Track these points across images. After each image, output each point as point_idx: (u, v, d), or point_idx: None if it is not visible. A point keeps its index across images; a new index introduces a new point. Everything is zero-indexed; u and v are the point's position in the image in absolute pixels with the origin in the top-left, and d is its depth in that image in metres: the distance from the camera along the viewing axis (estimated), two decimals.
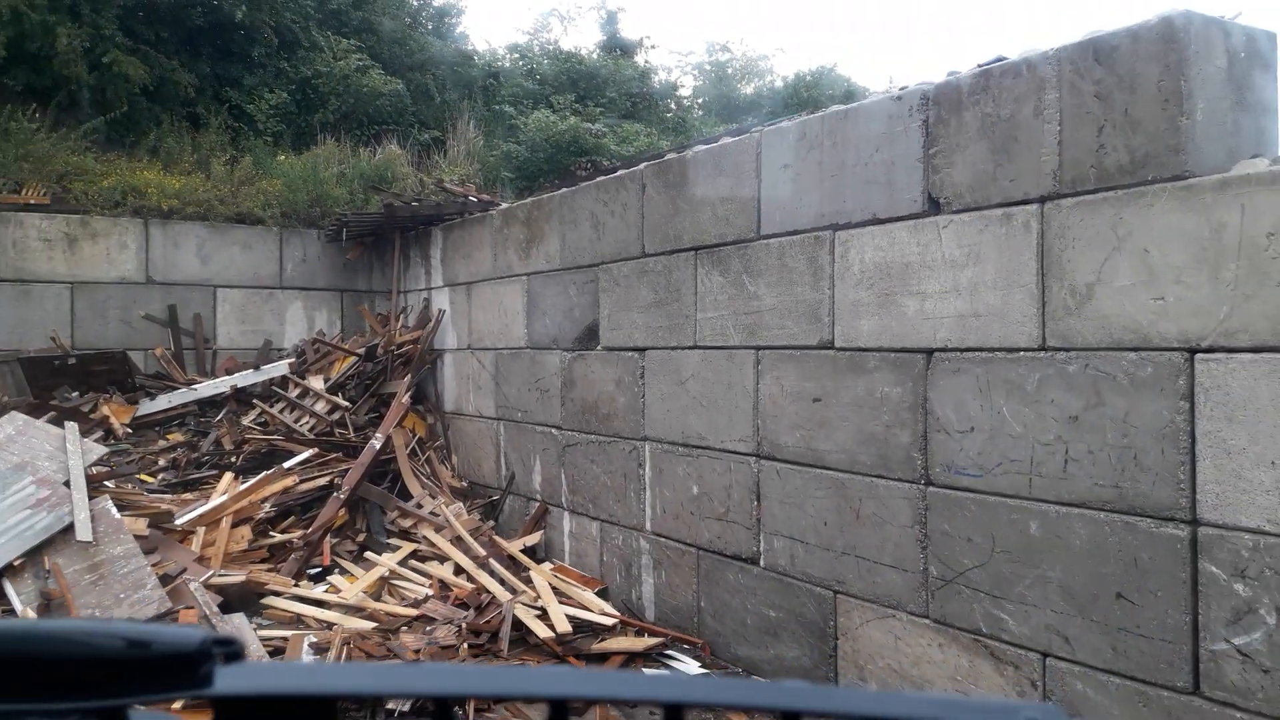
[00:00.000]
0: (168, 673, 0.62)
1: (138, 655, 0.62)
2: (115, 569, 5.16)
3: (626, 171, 5.89)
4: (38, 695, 0.60)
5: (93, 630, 0.63)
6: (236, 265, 8.60)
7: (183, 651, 0.62)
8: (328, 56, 10.26)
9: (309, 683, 0.65)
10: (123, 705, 0.62)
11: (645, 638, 5.32)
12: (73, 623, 0.75)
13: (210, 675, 0.62)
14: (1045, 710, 0.63)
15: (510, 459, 7.33)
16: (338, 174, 9.23)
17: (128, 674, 0.61)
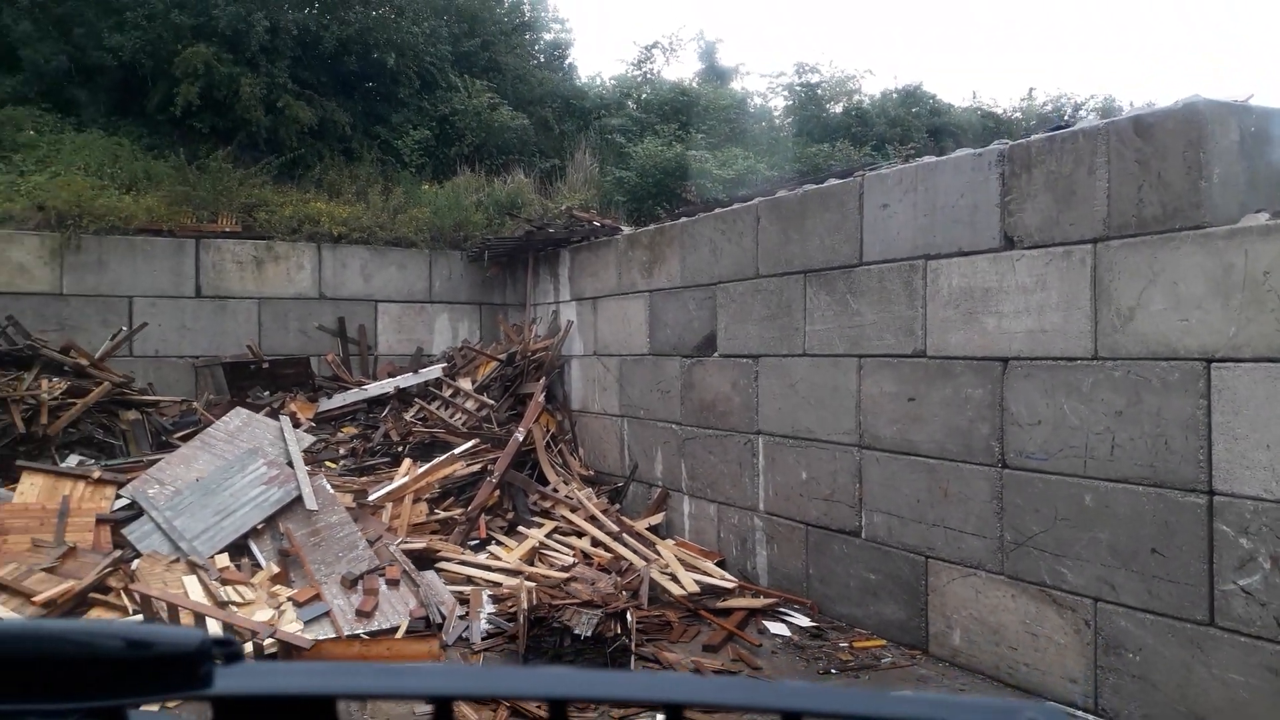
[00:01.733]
0: (167, 673, 0.61)
1: (137, 656, 0.61)
2: (333, 533, 6.40)
3: (743, 205, 6.92)
4: (38, 695, 0.59)
5: (93, 631, 0.63)
6: (393, 283, 9.90)
7: (182, 652, 0.62)
8: (463, 96, 11.53)
9: (307, 683, 0.64)
10: (122, 705, 0.61)
11: (760, 598, 6.34)
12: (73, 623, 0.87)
13: (209, 676, 0.62)
14: (1045, 710, 0.62)
15: (633, 451, 8.41)
16: (475, 202, 10.46)
17: (127, 674, 0.61)
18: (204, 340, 9.09)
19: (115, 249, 8.74)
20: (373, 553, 6.30)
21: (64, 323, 8.54)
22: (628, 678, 0.72)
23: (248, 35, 10.02)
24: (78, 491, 6.44)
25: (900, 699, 0.66)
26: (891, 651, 5.37)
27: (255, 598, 5.66)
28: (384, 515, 7.18)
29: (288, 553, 6.21)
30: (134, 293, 8.81)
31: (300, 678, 0.66)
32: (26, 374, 7.68)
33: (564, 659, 4.97)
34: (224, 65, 10.07)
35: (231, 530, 6.19)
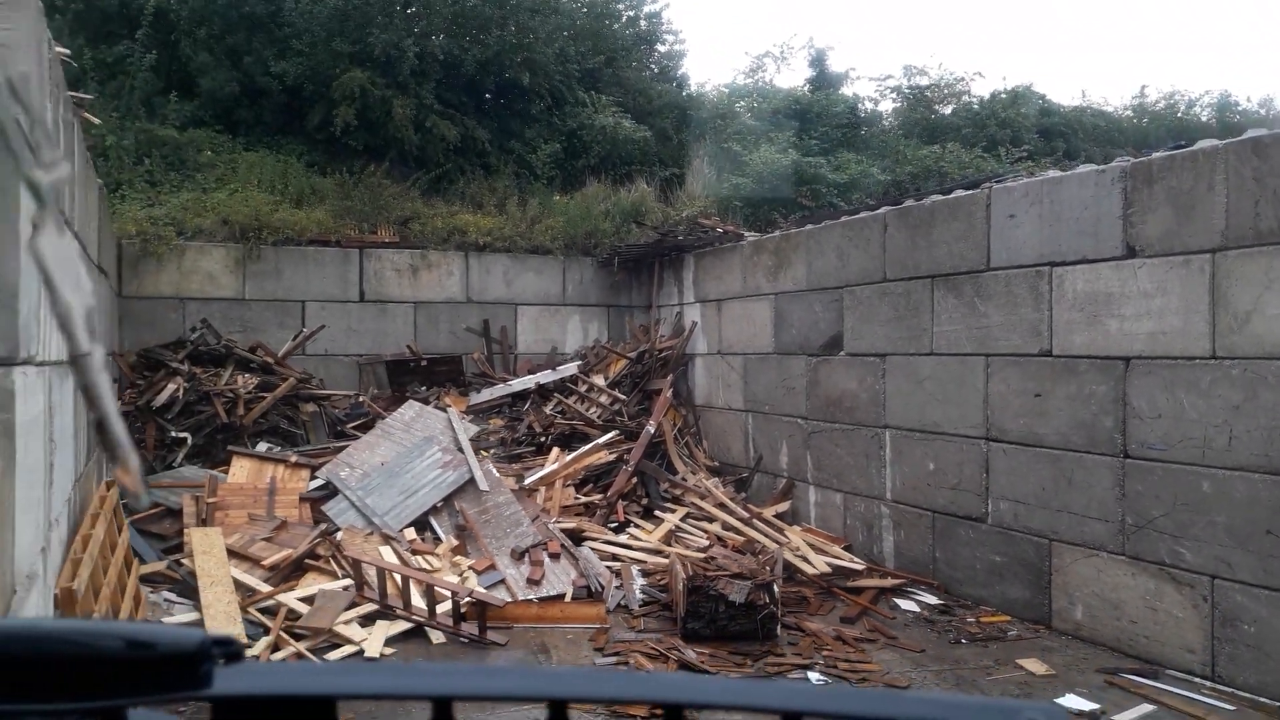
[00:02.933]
0: (167, 673, 0.62)
1: (137, 656, 0.62)
2: (500, 512, 7.18)
3: (870, 214, 7.44)
4: (37, 696, 0.60)
5: (93, 631, 0.63)
6: (531, 287, 10.71)
7: (182, 652, 0.62)
8: (590, 111, 12.30)
9: (307, 683, 0.65)
10: (122, 706, 0.62)
11: (888, 579, 6.87)
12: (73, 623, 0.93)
13: (209, 676, 0.62)
14: (1046, 710, 0.63)
15: (758, 443, 9.01)
16: (604, 211, 11.20)
17: (127, 674, 0.61)
18: (367, 340, 10.05)
19: (290, 258, 9.76)
20: (535, 530, 7.06)
21: (246, 324, 9.58)
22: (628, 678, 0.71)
23: (400, 61, 10.96)
24: (279, 473, 7.38)
25: (901, 698, 0.66)
26: (1016, 626, 5.84)
27: (440, 566, 6.47)
28: (538, 498, 7.94)
29: (463, 528, 7.01)
30: (306, 297, 9.81)
31: (300, 678, 0.66)
32: (223, 370, 8.71)
33: (718, 623, 5.61)
34: (377, 88, 11.03)
35: (415, 508, 7.03)
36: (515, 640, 5.72)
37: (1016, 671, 5.10)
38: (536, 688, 0.70)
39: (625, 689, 0.71)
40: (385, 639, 5.46)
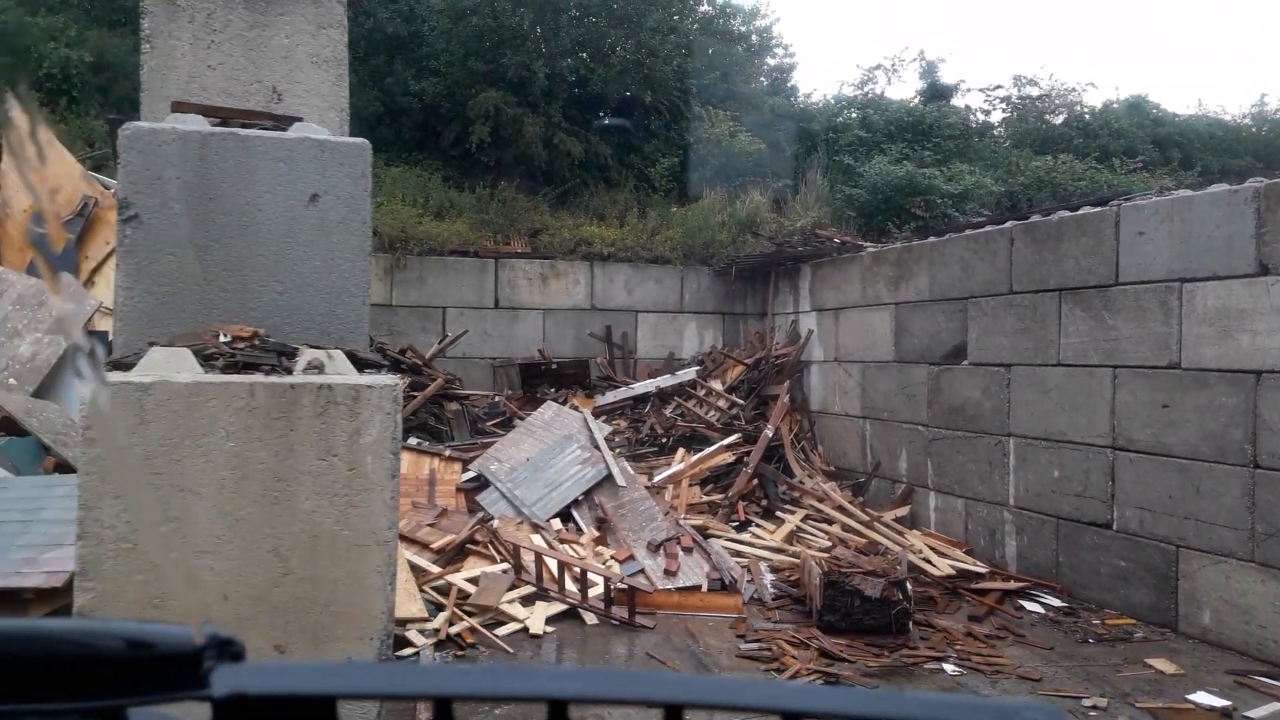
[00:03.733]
0: (167, 673, 0.62)
1: (137, 656, 0.62)
2: (635, 507, 7.67)
3: (995, 228, 7.69)
4: (36, 696, 0.60)
5: (92, 630, 0.63)
6: (651, 295, 11.21)
7: (182, 652, 0.62)
8: (707, 125, 12.76)
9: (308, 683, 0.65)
10: (121, 706, 0.62)
11: (1012, 582, 7.11)
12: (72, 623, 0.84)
13: (209, 676, 0.62)
14: (1046, 710, 0.63)
15: (876, 449, 9.30)
16: (720, 221, 11.64)
17: (127, 674, 0.61)
18: (500, 344, 10.69)
19: (432, 268, 10.46)
20: (667, 524, 7.52)
21: (393, 328, 10.31)
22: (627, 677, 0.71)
23: (531, 81, 11.60)
24: (436, 466, 8.02)
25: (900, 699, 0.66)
26: (1141, 629, 6.05)
27: (585, 554, 6.98)
28: (666, 495, 8.41)
29: (602, 520, 7.52)
30: (446, 304, 10.50)
31: (300, 677, 0.66)
32: None
33: (853, 617, 5.97)
34: (510, 107, 11.69)
35: (559, 500, 7.57)
36: (661, 625, 6.18)
37: (1145, 670, 5.32)
38: (536, 688, 0.70)
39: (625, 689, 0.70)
40: (545, 618, 5.99)
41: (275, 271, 2.29)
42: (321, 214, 2.30)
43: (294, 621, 1.81)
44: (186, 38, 2.73)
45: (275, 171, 2.26)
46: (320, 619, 1.82)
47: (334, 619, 1.83)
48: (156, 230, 2.20)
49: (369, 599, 1.87)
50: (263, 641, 1.79)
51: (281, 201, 2.26)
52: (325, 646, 1.81)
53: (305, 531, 1.83)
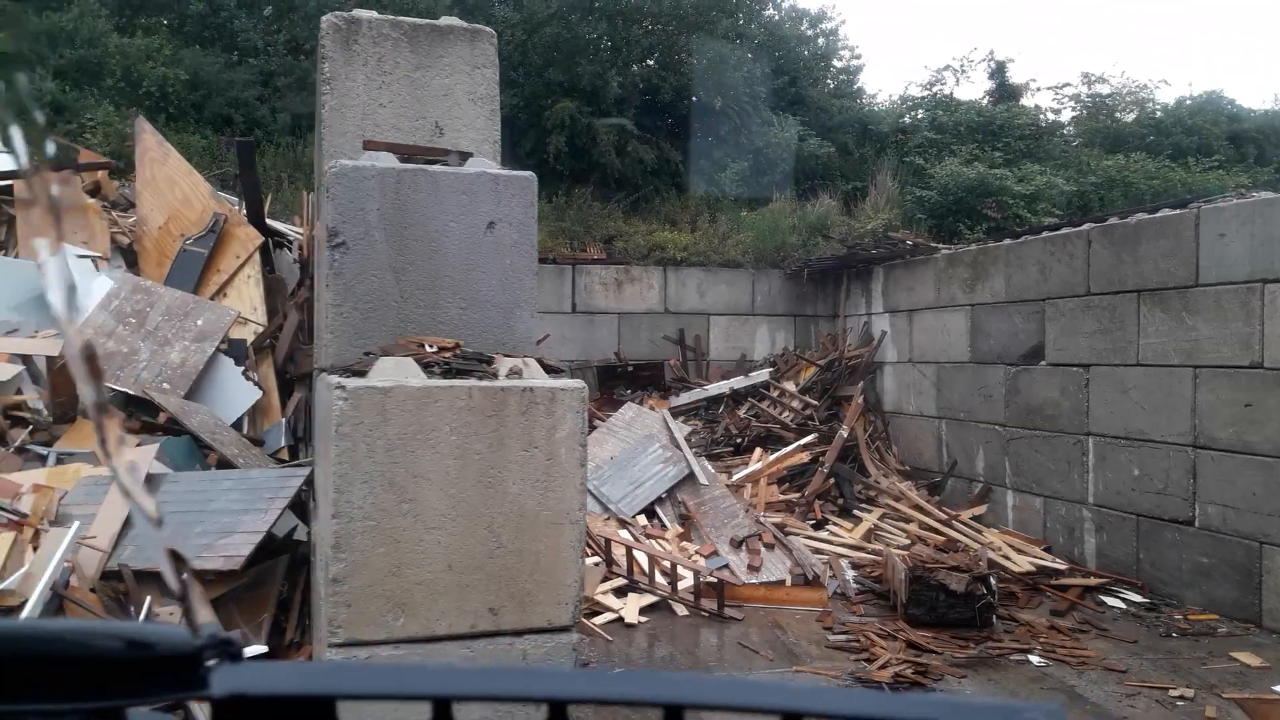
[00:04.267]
0: (166, 673, 0.62)
1: (136, 656, 0.62)
2: (716, 504, 7.93)
3: (1072, 230, 7.80)
4: (35, 696, 0.60)
5: (91, 630, 0.63)
6: (723, 298, 11.46)
7: (182, 652, 0.62)
8: (776, 130, 12.98)
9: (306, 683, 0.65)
10: (120, 706, 0.62)
11: (1092, 578, 7.22)
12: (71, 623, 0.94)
13: (208, 676, 0.63)
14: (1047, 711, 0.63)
15: (952, 449, 9.43)
16: (790, 225, 11.84)
17: (126, 675, 0.61)
18: (576, 347, 11.03)
19: None
20: (749, 521, 7.77)
21: None
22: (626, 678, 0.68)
23: (604, 90, 11.94)
24: None
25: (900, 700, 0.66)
26: (1224, 624, 6.14)
27: (671, 549, 7.27)
28: (744, 493, 8.66)
29: (685, 517, 7.80)
30: None
31: (299, 678, 0.65)
32: None
33: (937, 610, 6.16)
34: (584, 116, 12.04)
35: (643, 497, 7.87)
36: (749, 617, 6.44)
37: (1230, 663, 5.44)
38: (536, 688, 0.70)
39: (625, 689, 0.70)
40: (639, 609, 6.28)
41: (459, 290, 2.60)
42: (497, 239, 2.61)
43: (504, 587, 2.11)
44: (361, 79, 3.07)
45: (459, 202, 2.58)
46: (525, 585, 2.12)
47: (536, 586, 2.13)
48: (360, 255, 2.53)
49: (564, 569, 2.17)
50: (480, 604, 2.09)
51: (464, 228, 2.58)
52: (530, 609, 2.11)
53: (513, 511, 2.13)
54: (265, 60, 12.89)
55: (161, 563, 0.70)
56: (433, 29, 3.13)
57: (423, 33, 3.12)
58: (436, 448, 2.04)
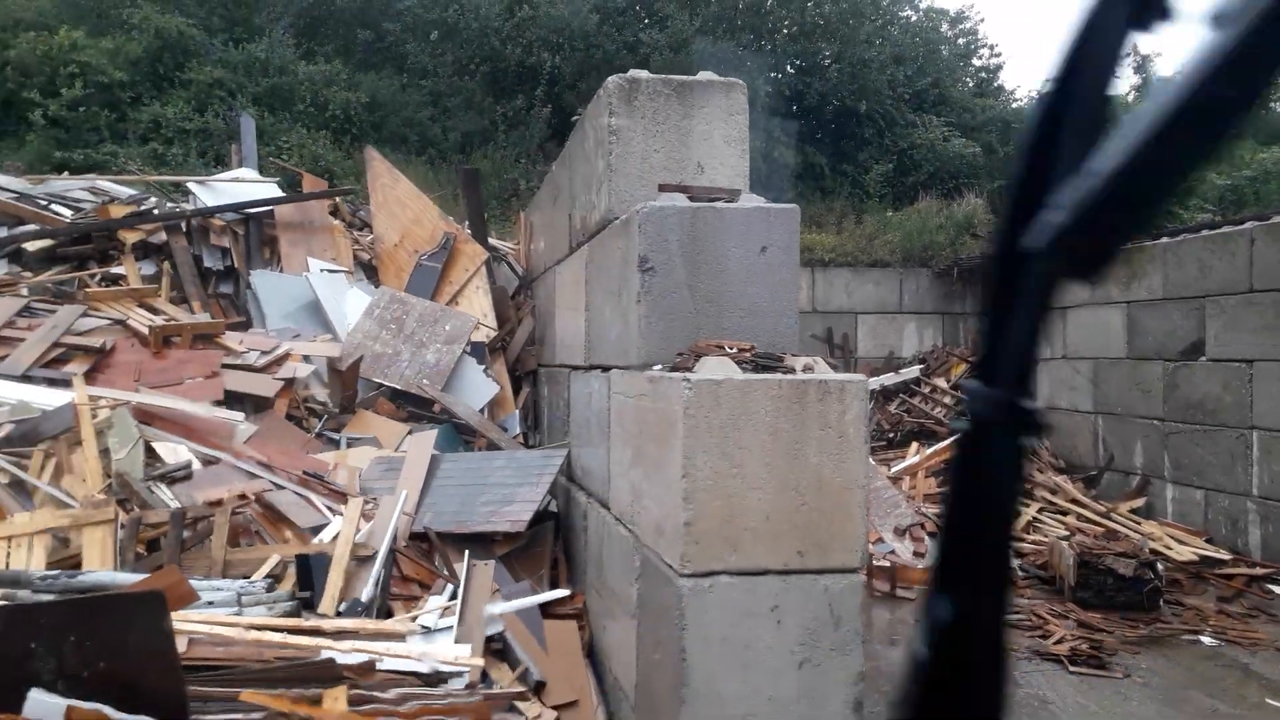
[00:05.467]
0: None
1: None
2: (879, 495, 8.39)
3: (1234, 229, 7.93)
4: None
5: None
6: (870, 297, 11.85)
7: None
8: (920, 131, 13.26)
9: None
10: None
11: (1257, 568, 7.37)
12: None
13: None
14: None
15: (1108, 443, 9.60)
16: (937, 224, 12.12)
17: None
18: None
19: None
20: (912, 511, 8.20)
21: None
22: None
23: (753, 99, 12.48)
24: None
25: None
26: None
27: None
28: (903, 485, 9.07)
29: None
30: None
31: None
32: None
33: (1105, 593, 6.49)
34: None
35: None
36: (920, 599, 6.90)
37: None
38: None
39: None
40: None
41: (739, 302, 3.21)
42: (768, 260, 3.21)
43: (808, 536, 2.71)
44: (640, 130, 3.73)
45: (739, 231, 3.19)
46: (823, 535, 2.71)
47: (831, 536, 2.72)
48: (663, 276, 3.18)
49: (853, 524, 2.75)
50: (790, 548, 2.69)
51: (742, 252, 3.19)
52: (828, 553, 2.70)
53: (813, 477, 2.73)
54: (434, 81, 13.93)
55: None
56: (695, 84, 3.77)
57: (687, 87, 3.76)
58: (755, 426, 2.65)
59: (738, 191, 3.42)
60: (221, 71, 12.88)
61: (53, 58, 12.42)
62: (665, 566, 2.77)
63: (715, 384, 2.63)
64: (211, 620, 2.77)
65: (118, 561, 3.54)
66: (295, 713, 2.48)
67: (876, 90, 13.29)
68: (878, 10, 14.34)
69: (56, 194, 7.07)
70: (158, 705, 2.47)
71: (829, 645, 2.69)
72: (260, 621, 2.88)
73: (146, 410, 4.48)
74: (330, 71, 13.78)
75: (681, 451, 2.62)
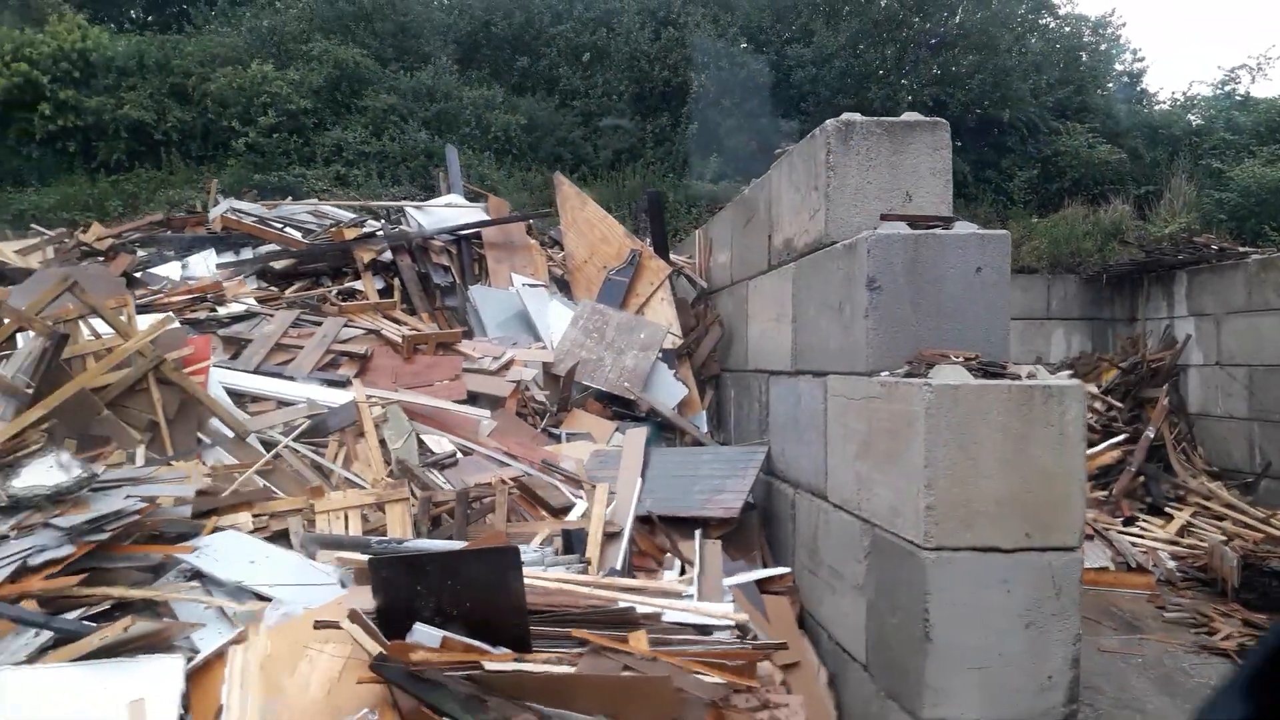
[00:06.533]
0: None
1: None
2: None
3: None
4: None
5: None
6: (1016, 303, 12.00)
7: None
8: (1065, 138, 13.31)
9: None
10: None
11: None
12: None
13: None
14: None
15: (1265, 450, 9.57)
16: (1083, 230, 12.18)
17: None
18: None
19: None
20: None
21: None
22: None
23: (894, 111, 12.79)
24: None
25: None
26: None
27: None
28: None
29: None
30: None
31: None
32: None
33: (1270, 595, 6.64)
34: None
35: None
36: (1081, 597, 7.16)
37: None
38: None
39: None
40: None
41: (955, 316, 3.70)
42: (982, 279, 3.69)
43: (1033, 518, 3.17)
44: (855, 165, 4.26)
45: (956, 254, 3.68)
46: (1046, 520, 3.17)
47: (1053, 520, 3.17)
48: (889, 294, 3.69)
49: (1073, 510, 3.21)
50: (1017, 529, 3.17)
51: (959, 273, 3.67)
52: (1050, 534, 3.16)
53: (1037, 468, 3.19)
54: (584, 102, 14.72)
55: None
56: (904, 124, 4.28)
57: (897, 128, 4.27)
58: (987, 424, 3.14)
59: (953, 219, 3.91)
60: (393, 98, 13.96)
61: (246, 90, 13.73)
62: (905, 543, 3.28)
63: (953, 388, 3.14)
64: (534, 575, 3.43)
65: (415, 532, 4.27)
66: (612, 646, 3.10)
67: (1019, 99, 13.40)
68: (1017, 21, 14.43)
69: (286, 217, 8.05)
70: (508, 638, 3.14)
71: (1051, 611, 3.16)
72: (574, 577, 3.52)
73: (408, 407, 5.25)
74: (490, 96, 14.72)
75: (924, 445, 3.14)
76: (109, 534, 3.58)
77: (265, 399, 5.23)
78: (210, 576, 3.64)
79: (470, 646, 3.05)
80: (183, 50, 14.62)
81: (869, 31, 13.45)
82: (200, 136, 13.91)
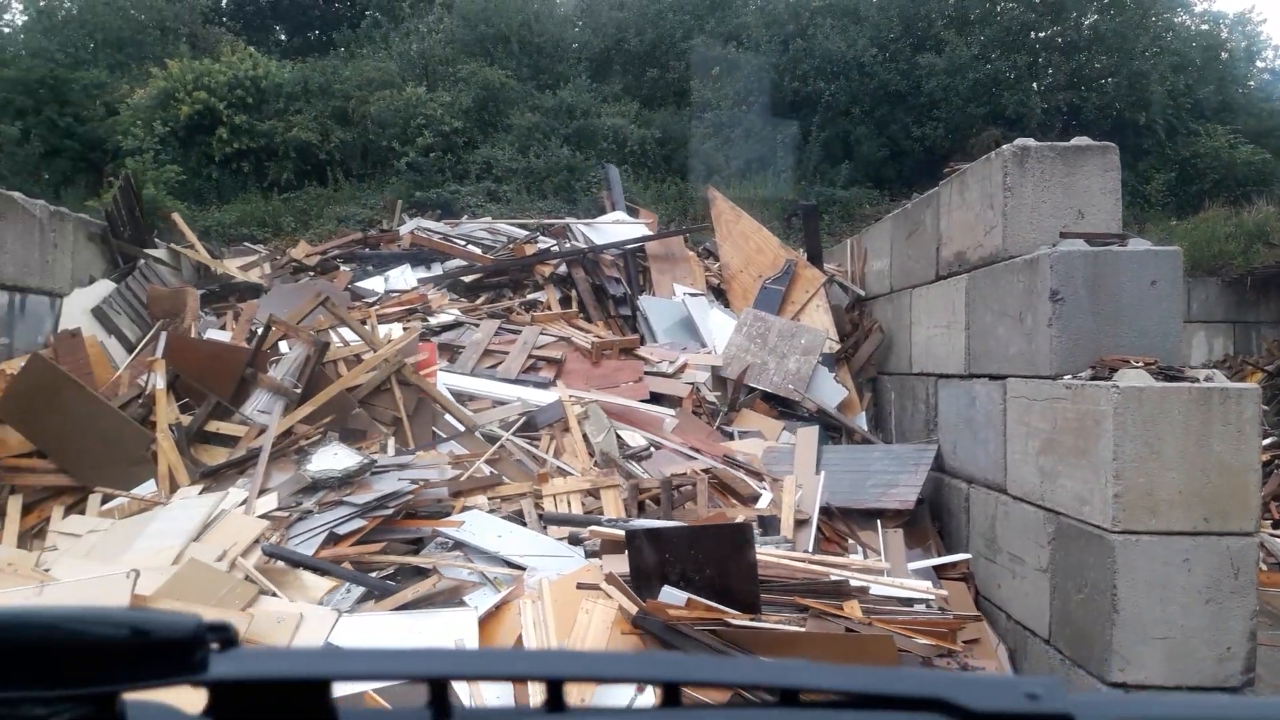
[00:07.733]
0: (162, 659, 0.62)
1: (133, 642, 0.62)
2: None
3: None
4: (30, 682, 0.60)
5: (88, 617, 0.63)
6: None
7: (178, 637, 0.62)
8: (1204, 139, 13.17)
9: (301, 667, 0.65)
10: (115, 691, 0.62)
11: None
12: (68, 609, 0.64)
13: (205, 661, 0.63)
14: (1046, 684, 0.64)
15: None
16: (1225, 233, 12.05)
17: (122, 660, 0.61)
18: None
19: None
20: None
21: None
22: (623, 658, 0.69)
23: (1027, 116, 12.91)
24: None
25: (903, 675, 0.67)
26: None
27: None
28: None
29: None
30: None
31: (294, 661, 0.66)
32: None
33: None
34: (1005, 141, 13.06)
35: None
36: None
37: None
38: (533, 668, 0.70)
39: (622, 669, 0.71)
40: None
41: (1132, 325, 4.07)
42: (1157, 291, 4.05)
43: (1211, 506, 3.54)
44: (1030, 185, 4.66)
45: (1131, 269, 4.06)
46: (1224, 507, 3.53)
47: (1231, 507, 3.54)
48: (1070, 305, 4.10)
49: (1249, 499, 3.56)
50: (1197, 515, 3.54)
51: (1134, 285, 4.05)
52: (1227, 520, 3.52)
53: (1216, 461, 3.55)
54: (716, 114, 15.24)
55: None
56: (1075, 148, 4.66)
57: (1069, 151, 4.66)
58: (1170, 422, 3.52)
59: (1128, 236, 4.28)
60: (536, 116, 14.77)
61: (402, 111, 14.75)
62: (1093, 528, 3.69)
63: (1139, 390, 3.54)
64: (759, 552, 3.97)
65: (626, 514, 4.87)
66: (832, 611, 3.61)
67: (1155, 100, 13.32)
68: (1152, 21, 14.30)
69: (466, 234, 8.83)
70: (740, 601, 3.69)
71: (1229, 589, 3.52)
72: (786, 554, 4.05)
73: (603, 405, 5.87)
74: (626, 111, 15.39)
75: (1111, 441, 3.55)
76: (392, 509, 4.28)
77: (481, 398, 5.94)
78: (472, 546, 4.31)
79: (710, 607, 3.61)
80: (341, 75, 15.76)
81: (999, 39, 13.59)
82: (360, 155, 15.00)
